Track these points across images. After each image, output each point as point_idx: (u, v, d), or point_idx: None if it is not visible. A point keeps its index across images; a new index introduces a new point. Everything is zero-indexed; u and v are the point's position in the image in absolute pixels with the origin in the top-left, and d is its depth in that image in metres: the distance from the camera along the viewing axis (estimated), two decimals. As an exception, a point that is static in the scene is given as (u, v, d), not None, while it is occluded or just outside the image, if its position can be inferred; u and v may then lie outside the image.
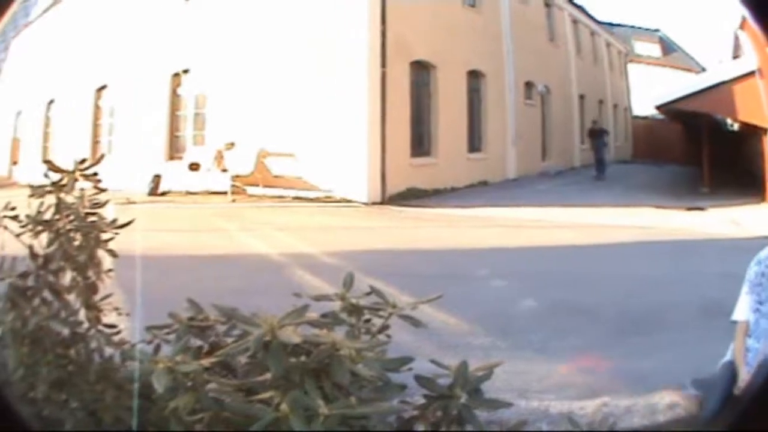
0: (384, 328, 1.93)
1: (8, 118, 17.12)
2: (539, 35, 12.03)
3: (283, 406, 1.57)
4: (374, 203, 8.92)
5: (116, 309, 2.15)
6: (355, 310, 1.95)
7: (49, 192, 2.27)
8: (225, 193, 9.80)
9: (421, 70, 9.79)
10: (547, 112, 12.23)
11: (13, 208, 2.33)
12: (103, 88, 12.40)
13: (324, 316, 1.86)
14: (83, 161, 2.31)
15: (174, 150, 11.48)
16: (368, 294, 2.00)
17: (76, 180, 2.28)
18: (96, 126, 12.56)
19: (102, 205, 2.17)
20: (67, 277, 2.10)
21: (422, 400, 1.77)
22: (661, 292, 4.57)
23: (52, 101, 14.37)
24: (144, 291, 2.27)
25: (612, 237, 6.59)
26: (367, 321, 1.93)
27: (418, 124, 9.86)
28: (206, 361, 1.74)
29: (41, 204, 2.34)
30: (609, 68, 13.64)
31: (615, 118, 13.50)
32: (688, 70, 11.85)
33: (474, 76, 10.49)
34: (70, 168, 2.35)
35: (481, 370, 1.80)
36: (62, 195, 2.25)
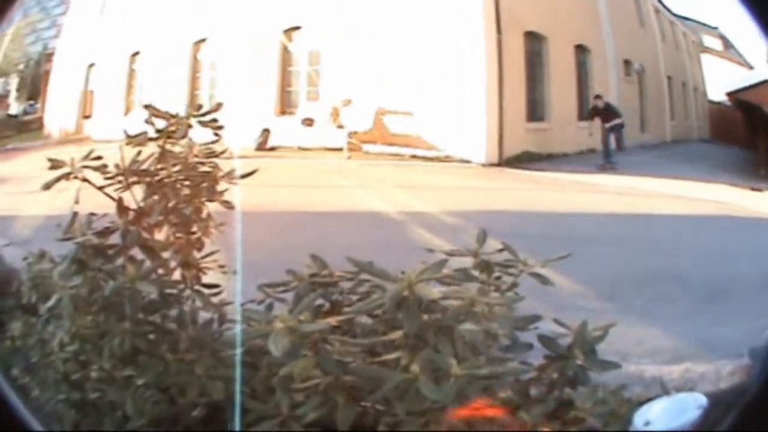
0: (513, 285, 2.29)
1: (77, 69, 19.45)
2: (631, 19, 15.58)
3: (414, 367, 1.80)
4: (491, 164, 11.12)
5: (221, 267, 2.50)
6: (486, 267, 2.28)
7: (153, 139, 2.58)
8: (340, 149, 11.74)
9: (533, 40, 12.83)
10: (643, 88, 15.50)
11: (98, 158, 2.67)
12: (202, 41, 15.06)
13: (456, 272, 2.12)
14: (199, 107, 2.61)
15: (285, 105, 13.72)
16: (500, 251, 2.42)
17: (189, 126, 2.58)
18: (194, 79, 15.20)
19: (217, 154, 2.45)
20: (162, 233, 2.37)
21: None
22: (733, 264, 6.10)
23: (136, 53, 16.96)
24: (254, 249, 2.53)
25: (697, 208, 8.92)
26: (498, 278, 2.27)
27: (533, 91, 12.83)
28: (332, 320, 1.99)
29: (138, 153, 2.65)
30: (687, 55, 17.01)
31: (696, 100, 16.68)
32: (742, 65, 15.39)
33: (580, 50, 14.02)
34: (179, 114, 2.64)
35: (596, 330, 2.13)
36: (167, 143, 2.54)
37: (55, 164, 2.85)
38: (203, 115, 2.71)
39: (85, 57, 19.00)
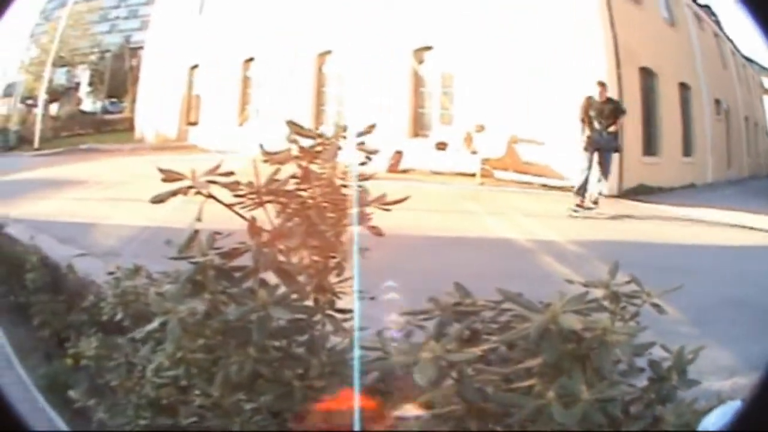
0: (635, 315, 2.86)
1: (177, 71, 20.63)
2: (716, 60, 18.85)
3: (550, 394, 2.30)
4: (612, 196, 13.63)
5: (360, 292, 2.89)
6: (615, 297, 2.83)
7: (296, 158, 2.97)
8: (473, 174, 14.10)
9: (646, 76, 15.52)
10: (728, 127, 18.70)
11: (229, 173, 3.05)
12: (327, 53, 17.01)
13: (589, 302, 2.64)
14: (344, 128, 3.00)
15: (418, 127, 16.08)
16: (628, 282, 3.01)
17: (339, 149, 2.97)
18: (319, 93, 17.15)
19: (366, 178, 2.83)
20: (296, 256, 2.75)
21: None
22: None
23: (250, 59, 18.69)
24: (386, 273, 2.91)
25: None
26: (623, 308, 2.83)
27: (647, 125, 15.46)
28: (478, 349, 2.43)
29: (276, 171, 3.05)
30: (756, 96, 20.30)
31: (761, 139, 20.11)
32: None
33: (683, 87, 16.97)
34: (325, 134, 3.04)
35: (689, 353, 2.76)
36: (309, 163, 2.93)
37: (170, 176, 3.11)
38: (356, 135, 3.09)
39: (186, 57, 21.13)
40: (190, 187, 3.04)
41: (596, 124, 13.37)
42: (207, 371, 3.02)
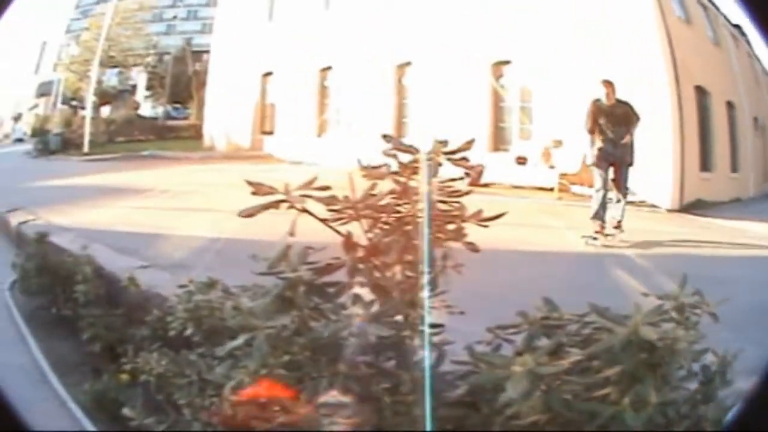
0: (695, 324, 3.21)
1: (248, 78, 21.31)
2: (750, 78, 20.92)
3: (625, 400, 2.70)
4: (672, 210, 15.66)
5: (448, 307, 3.16)
6: (681, 308, 3.19)
7: (395, 173, 3.16)
8: (551, 189, 15.72)
9: (700, 94, 17.41)
10: (765, 143, 21.08)
11: (325, 187, 3.25)
12: (406, 65, 18.80)
13: (662, 314, 3.08)
14: (444, 142, 3.20)
15: (498, 142, 17.85)
16: (693, 294, 3.40)
17: (439, 164, 3.16)
18: (401, 105, 19.01)
19: (463, 194, 3.05)
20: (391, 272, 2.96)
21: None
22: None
23: (328, 68, 20.29)
24: (470, 287, 3.17)
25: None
26: (686, 318, 3.18)
27: (702, 142, 17.44)
28: (566, 362, 2.78)
29: (372, 186, 3.23)
30: None
31: None
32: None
33: (729, 106, 19.13)
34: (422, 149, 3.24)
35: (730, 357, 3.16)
36: (408, 178, 3.12)
37: (261, 189, 3.34)
38: (453, 152, 3.27)
39: (258, 64, 22.84)
40: (283, 201, 3.22)
41: (608, 133, 12.83)
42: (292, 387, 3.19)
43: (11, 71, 32.40)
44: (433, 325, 3.09)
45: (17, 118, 35.09)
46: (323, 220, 3.25)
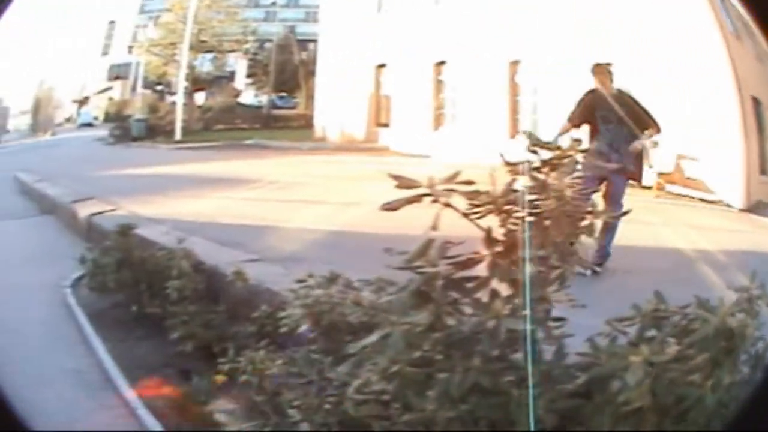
0: (758, 313, 3.57)
1: (361, 69, 22.06)
2: None
3: (708, 383, 3.15)
4: (743, 210, 16.94)
5: (571, 300, 3.53)
6: (750, 300, 3.55)
7: (535, 170, 3.47)
8: (650, 187, 17.23)
9: (756, 104, 18.65)
10: None
11: (469, 182, 3.56)
12: (516, 62, 20.31)
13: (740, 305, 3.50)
14: (580, 141, 3.53)
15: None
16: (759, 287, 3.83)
17: (576, 163, 3.48)
18: (513, 102, 20.22)
19: (594, 191, 3.46)
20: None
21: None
22: None
23: (442, 62, 21.53)
24: (587, 281, 3.61)
25: None
26: (753, 309, 3.57)
27: (761, 148, 18.77)
28: (673, 351, 3.23)
29: (512, 181, 3.55)
30: None
31: None
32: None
33: None
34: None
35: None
36: (547, 175, 3.44)
37: (404, 183, 3.62)
38: (586, 150, 3.60)
39: (370, 56, 24.28)
40: (427, 195, 3.54)
41: (605, 133, 11.33)
42: (419, 384, 3.49)
43: (72, 52, 33.11)
44: (557, 319, 3.39)
45: (83, 102, 35.69)
46: (466, 215, 3.53)
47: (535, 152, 3.67)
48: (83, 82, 35.28)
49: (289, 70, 28.28)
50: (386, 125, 23.46)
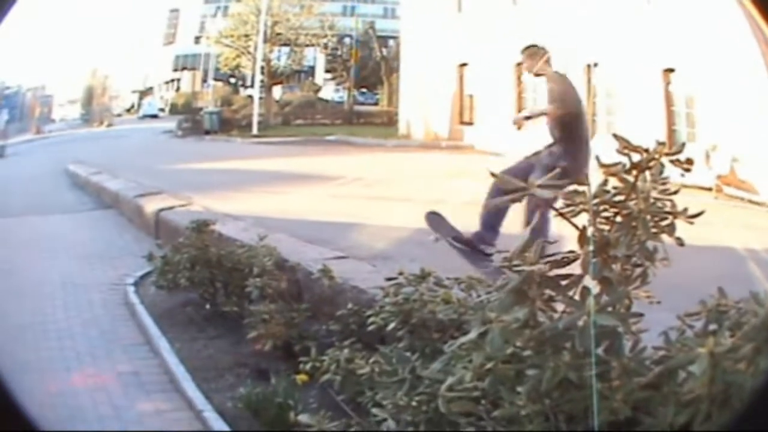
0: None
1: (444, 67, 22.69)
2: None
3: (750, 370, 3.42)
4: None
5: (648, 297, 3.85)
6: None
7: (627, 171, 3.76)
8: (710, 189, 18.96)
9: None
10: None
11: (567, 182, 3.88)
12: (594, 65, 22.58)
13: None
14: (663, 144, 3.84)
15: (672, 144, 20.32)
16: None
17: (662, 166, 3.78)
18: (591, 103, 22.21)
19: (674, 192, 3.86)
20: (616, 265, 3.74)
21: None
22: None
23: (521, 63, 21.92)
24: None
25: None
26: None
27: None
28: (728, 342, 3.50)
29: (605, 182, 3.84)
30: None
31: None
32: None
33: None
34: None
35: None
36: (636, 177, 3.73)
37: (506, 182, 3.99)
38: (674, 153, 3.87)
39: (453, 55, 25.92)
40: (528, 194, 3.86)
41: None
42: (510, 380, 3.78)
43: (130, 40, 33.43)
44: (635, 315, 3.69)
45: (145, 93, 36.06)
46: (561, 214, 3.82)
47: (626, 155, 3.93)
48: (145, 71, 35.75)
49: (369, 66, 28.71)
50: (470, 123, 24.86)
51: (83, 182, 20.18)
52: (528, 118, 12.22)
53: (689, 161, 3.94)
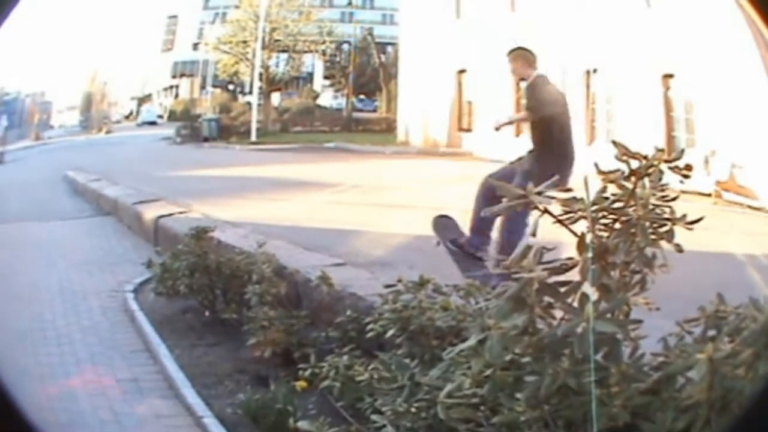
0: None
1: (441, 73, 22.81)
2: None
3: (750, 375, 3.37)
4: None
5: (647, 303, 3.77)
6: None
7: (626, 178, 3.77)
8: (709, 194, 18.96)
9: None
10: None
11: (567, 189, 3.93)
12: (593, 71, 23.23)
13: None
14: (662, 150, 3.85)
15: (671, 150, 20.53)
16: None
17: (661, 172, 3.79)
18: (591, 110, 23.13)
19: (672, 198, 3.83)
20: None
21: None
22: None
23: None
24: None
25: None
26: None
27: None
28: (727, 347, 3.46)
29: (604, 189, 3.85)
30: None
31: None
32: None
33: None
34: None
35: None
36: (635, 184, 3.75)
37: (505, 189, 3.96)
38: (673, 160, 3.89)
39: (451, 61, 26.13)
40: (527, 201, 3.86)
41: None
42: (509, 387, 3.79)
43: (128, 46, 33.42)
44: (634, 321, 3.69)
45: (144, 99, 36.08)
46: (560, 221, 3.82)
47: (625, 161, 3.94)
48: (143, 78, 35.77)
49: (368, 72, 28.78)
50: (469, 130, 24.99)
51: (82, 189, 20.17)
52: (509, 123, 12.80)
53: (688, 167, 3.95)
